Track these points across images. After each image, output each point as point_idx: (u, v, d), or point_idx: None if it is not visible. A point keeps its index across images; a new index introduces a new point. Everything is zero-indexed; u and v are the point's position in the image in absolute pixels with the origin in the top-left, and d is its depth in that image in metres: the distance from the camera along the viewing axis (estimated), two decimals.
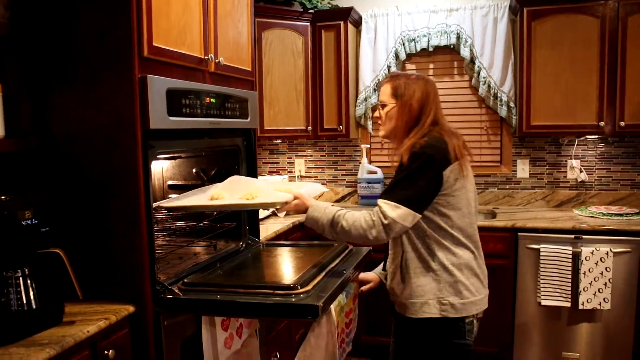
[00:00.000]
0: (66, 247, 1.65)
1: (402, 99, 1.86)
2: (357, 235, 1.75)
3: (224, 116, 2.13)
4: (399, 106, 1.86)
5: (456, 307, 1.79)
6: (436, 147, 1.76)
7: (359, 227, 1.74)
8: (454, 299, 1.79)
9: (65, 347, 1.43)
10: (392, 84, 1.90)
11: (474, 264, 1.85)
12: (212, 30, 2.10)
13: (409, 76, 1.91)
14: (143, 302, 1.73)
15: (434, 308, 1.79)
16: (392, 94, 1.89)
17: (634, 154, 3.43)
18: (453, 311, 1.79)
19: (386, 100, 1.90)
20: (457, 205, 1.80)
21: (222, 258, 2.21)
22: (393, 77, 1.93)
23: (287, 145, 4.08)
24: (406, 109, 1.85)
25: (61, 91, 1.76)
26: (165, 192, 2.60)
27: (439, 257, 1.80)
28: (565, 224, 2.96)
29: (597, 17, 3.06)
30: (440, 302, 1.79)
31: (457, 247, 1.81)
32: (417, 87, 1.87)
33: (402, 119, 1.86)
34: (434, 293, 1.79)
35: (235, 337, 2.05)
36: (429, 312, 1.79)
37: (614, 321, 2.91)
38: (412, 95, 1.85)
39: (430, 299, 1.79)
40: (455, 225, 1.80)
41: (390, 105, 1.88)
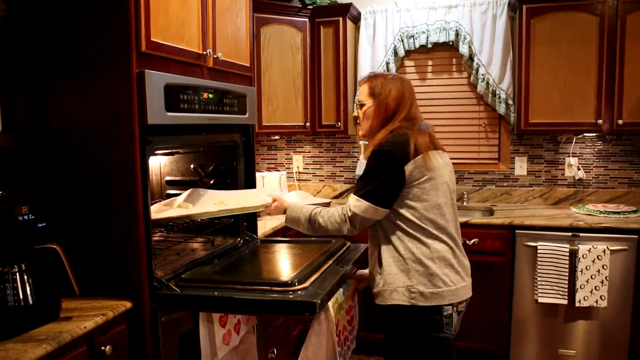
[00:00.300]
0: (63, 242, 1.64)
1: (379, 98, 1.93)
2: (333, 229, 1.90)
3: (222, 112, 2.12)
4: (376, 105, 1.93)
5: (425, 296, 1.82)
6: (396, 143, 1.82)
7: (333, 221, 1.89)
8: (423, 287, 1.82)
9: (62, 342, 1.43)
10: (370, 84, 1.96)
11: (449, 256, 1.87)
12: (210, 26, 2.09)
13: (385, 76, 1.98)
14: (140, 298, 1.73)
15: (403, 296, 1.83)
16: (369, 94, 1.96)
17: (632, 152, 3.43)
18: (422, 299, 1.82)
19: (364, 99, 1.96)
20: (422, 197, 1.84)
21: (219, 254, 2.20)
22: (371, 78, 1.99)
23: (285, 142, 4.07)
24: (382, 108, 1.92)
25: (59, 86, 1.76)
26: (163, 188, 2.59)
27: (409, 248, 1.84)
28: (563, 222, 2.97)
29: (596, 15, 3.06)
30: (410, 290, 1.83)
31: (429, 239, 1.85)
32: (393, 86, 1.93)
33: (378, 118, 1.93)
34: (403, 281, 1.83)
35: (233, 334, 2.05)
36: (397, 300, 1.84)
37: (610, 319, 2.92)
38: (389, 94, 1.92)
39: (399, 287, 1.84)
40: (423, 217, 1.84)
41: (368, 105, 1.95)
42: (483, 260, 3.06)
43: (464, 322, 3.12)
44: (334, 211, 1.90)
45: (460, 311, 1.90)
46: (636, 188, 3.44)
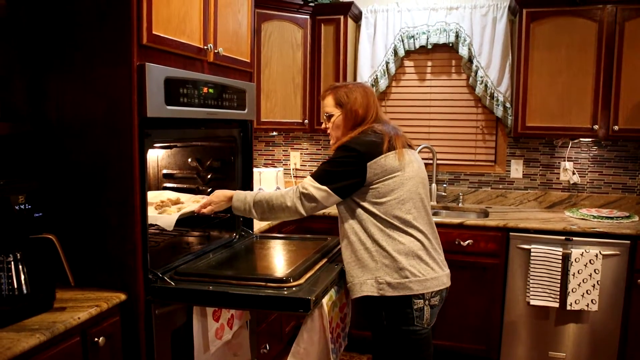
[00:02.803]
0: (59, 233, 1.64)
1: (347, 107, 2.00)
2: (278, 204, 1.92)
3: (221, 107, 2.12)
4: (344, 114, 2.01)
5: (393, 286, 1.87)
6: (364, 142, 1.90)
7: (278, 195, 1.93)
8: (390, 278, 1.87)
9: (56, 333, 1.43)
10: (334, 95, 2.03)
11: (416, 248, 1.91)
12: (212, 20, 2.09)
13: (347, 85, 2.05)
14: (135, 291, 1.73)
15: (372, 287, 1.88)
16: (335, 104, 2.03)
17: (627, 158, 3.45)
18: (390, 289, 1.87)
19: (331, 110, 2.04)
20: (387, 193, 1.89)
21: (215, 249, 2.21)
22: (334, 89, 2.06)
23: (283, 138, 4.08)
24: (351, 115, 2.00)
25: (58, 76, 1.75)
26: (159, 181, 2.60)
27: (377, 241, 1.89)
28: (557, 225, 2.99)
29: (595, 21, 3.07)
30: (377, 282, 1.88)
31: (395, 232, 1.90)
32: (357, 94, 2.01)
33: (347, 126, 2.01)
34: (371, 274, 1.89)
35: (226, 328, 2.06)
36: (367, 291, 1.89)
37: (600, 323, 2.95)
38: (355, 101, 2.00)
39: (368, 279, 1.89)
40: (389, 212, 1.89)
41: (336, 115, 2.02)
42: (476, 261, 3.08)
43: (455, 323, 3.15)
44: (283, 191, 1.95)
45: (433, 305, 1.93)
46: (630, 194, 3.46)
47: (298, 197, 1.91)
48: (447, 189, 3.74)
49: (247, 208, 1.98)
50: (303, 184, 1.91)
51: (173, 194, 2.39)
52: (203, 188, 2.51)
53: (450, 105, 3.72)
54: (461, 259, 3.08)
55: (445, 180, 3.76)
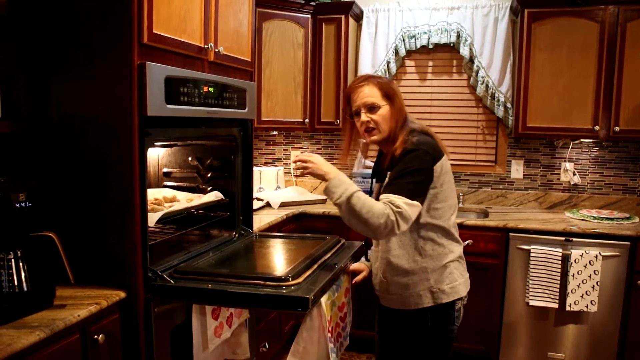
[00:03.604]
0: (59, 231, 1.65)
1: (395, 100, 1.86)
2: (373, 226, 1.66)
3: (221, 106, 2.13)
4: (392, 108, 1.86)
5: (446, 292, 1.85)
6: (428, 143, 1.80)
7: (375, 211, 1.65)
8: (443, 285, 1.85)
9: (56, 330, 1.44)
10: (379, 86, 1.86)
11: (458, 251, 1.91)
12: (212, 19, 2.09)
13: (382, 77, 1.93)
14: (134, 289, 1.74)
15: (428, 298, 1.84)
16: (383, 95, 1.86)
17: (627, 159, 3.45)
18: (445, 296, 1.85)
19: (377, 101, 1.85)
20: (445, 199, 1.83)
21: (214, 247, 2.21)
22: (374, 79, 1.89)
23: (283, 137, 4.08)
24: (398, 110, 1.86)
25: (59, 75, 1.76)
26: (160, 179, 2.60)
27: (426, 250, 1.84)
28: (557, 226, 2.99)
29: (597, 22, 3.07)
30: (431, 291, 1.84)
31: (446, 240, 1.87)
32: (396, 87, 1.90)
33: (394, 119, 1.86)
34: (425, 284, 1.84)
35: (225, 326, 2.06)
36: (425, 303, 1.85)
37: (600, 324, 2.95)
38: (396, 93, 1.87)
39: (422, 290, 1.84)
40: (443, 217, 1.84)
41: (385, 107, 1.86)
42: (476, 261, 3.07)
43: None
44: (383, 206, 1.66)
45: (464, 304, 1.94)
46: (630, 195, 3.46)
47: (395, 218, 1.65)
48: None
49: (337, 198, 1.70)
50: (394, 202, 1.66)
51: (170, 191, 2.40)
52: (203, 187, 2.52)
53: (451, 105, 3.72)
54: None
55: None
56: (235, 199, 2.45)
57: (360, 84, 1.88)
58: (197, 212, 2.36)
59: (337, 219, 3.32)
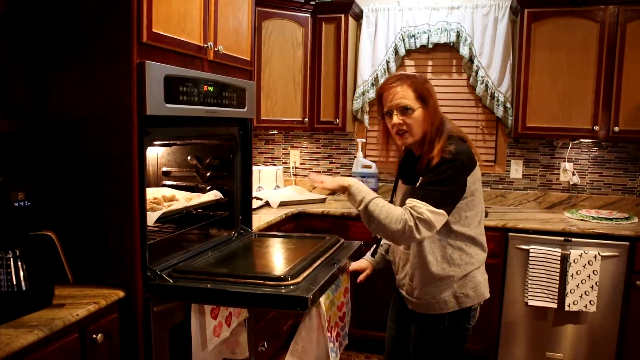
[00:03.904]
0: (58, 230, 1.65)
1: (430, 103, 1.81)
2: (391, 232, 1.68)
3: (221, 105, 2.13)
4: (427, 111, 1.80)
5: (470, 296, 1.85)
6: (466, 153, 1.77)
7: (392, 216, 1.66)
8: (467, 289, 1.85)
9: (54, 329, 1.44)
10: (414, 87, 1.80)
11: (484, 259, 1.91)
12: (212, 18, 2.09)
13: (417, 77, 1.85)
14: (133, 288, 1.74)
15: (453, 303, 1.85)
16: (417, 97, 1.80)
17: (627, 160, 3.45)
18: (469, 300, 1.85)
19: (411, 104, 1.79)
20: (474, 207, 1.82)
21: (213, 246, 2.21)
22: (409, 79, 1.82)
23: (282, 136, 4.08)
24: (433, 113, 1.81)
25: (58, 73, 1.76)
26: (159, 178, 2.60)
27: (454, 258, 1.83)
28: (556, 226, 2.99)
29: (597, 22, 3.07)
30: (455, 296, 1.84)
31: (474, 249, 1.86)
32: (430, 86, 1.84)
33: (431, 123, 1.80)
34: (450, 290, 1.84)
35: (224, 326, 2.06)
36: (450, 308, 1.85)
37: (598, 324, 2.95)
38: (431, 95, 1.82)
39: (447, 297, 1.84)
40: (472, 224, 1.83)
41: (419, 110, 1.80)
42: None
43: None
44: (402, 211, 1.68)
45: (481, 303, 1.94)
46: (630, 195, 3.46)
47: (414, 223, 1.65)
48: None
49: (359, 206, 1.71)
50: (416, 208, 1.66)
51: (169, 190, 2.40)
52: (202, 186, 2.52)
53: (450, 105, 3.72)
54: None
55: None
56: (235, 198, 2.45)
57: (394, 84, 1.82)
58: (196, 211, 2.36)
59: (336, 218, 3.33)
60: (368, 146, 3.91)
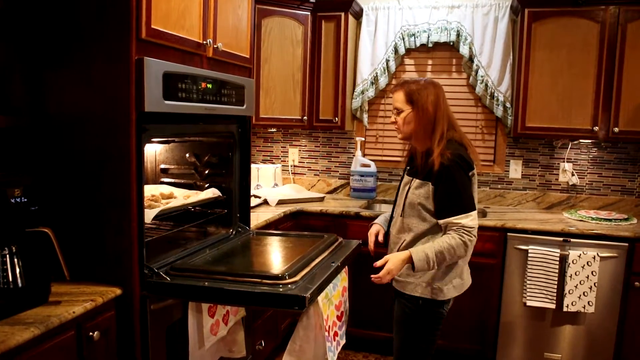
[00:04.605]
0: (55, 226, 1.64)
1: (418, 104, 2.02)
2: (461, 255, 1.95)
3: (219, 102, 2.12)
4: (416, 111, 2.02)
5: (443, 291, 2.04)
6: (462, 157, 1.98)
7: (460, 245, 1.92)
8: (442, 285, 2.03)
9: (50, 327, 1.43)
10: (405, 91, 2.04)
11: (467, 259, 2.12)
12: (211, 15, 2.08)
13: (418, 82, 2.06)
14: (130, 285, 1.73)
15: (426, 292, 2.03)
16: (406, 100, 2.04)
17: (626, 160, 3.45)
18: (442, 294, 2.04)
19: (401, 106, 2.05)
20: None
21: (211, 244, 2.21)
22: (404, 84, 2.06)
23: (281, 134, 4.07)
24: (422, 113, 2.01)
25: (57, 70, 1.75)
26: (157, 176, 2.59)
27: None
28: (555, 227, 2.98)
29: (598, 22, 3.06)
30: (431, 287, 2.02)
31: None
32: (428, 91, 2.03)
33: (420, 123, 2.02)
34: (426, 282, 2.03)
35: (221, 324, 2.05)
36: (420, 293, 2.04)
37: (597, 325, 2.95)
38: (427, 99, 2.01)
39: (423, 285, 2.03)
40: None
41: (407, 111, 2.04)
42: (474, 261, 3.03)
43: (452, 322, 3.15)
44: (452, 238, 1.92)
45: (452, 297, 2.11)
46: (629, 196, 3.46)
47: (469, 238, 1.92)
48: None
49: (431, 265, 1.92)
50: (460, 224, 1.92)
51: (167, 188, 2.39)
52: (200, 183, 2.51)
53: (450, 104, 3.67)
54: None
55: None
56: (233, 196, 2.44)
57: (395, 89, 2.09)
58: (194, 209, 2.35)
59: (334, 217, 3.32)
60: (367, 145, 3.90)
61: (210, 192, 2.38)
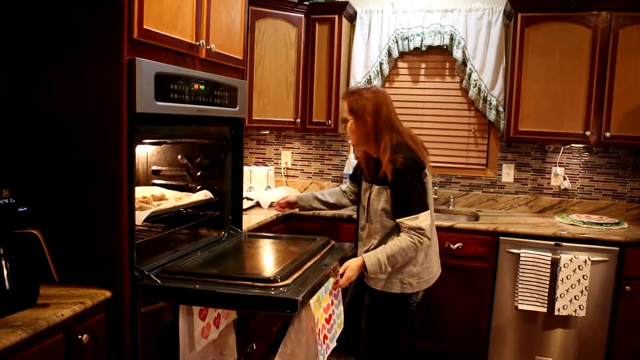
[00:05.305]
0: (44, 228, 1.62)
1: (357, 114, 2.14)
2: (412, 256, 2.10)
3: (212, 104, 2.10)
4: (356, 121, 2.15)
5: (413, 285, 2.18)
6: (413, 159, 2.08)
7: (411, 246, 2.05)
8: (411, 279, 2.17)
9: (38, 330, 1.41)
10: (348, 101, 2.17)
11: (434, 250, 2.27)
12: (204, 16, 2.07)
13: (360, 92, 2.16)
14: (120, 288, 1.71)
15: (396, 286, 2.17)
16: (349, 110, 2.17)
17: (617, 165, 3.47)
18: (411, 288, 2.19)
19: (346, 116, 2.18)
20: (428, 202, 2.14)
21: (203, 247, 2.19)
22: (349, 95, 2.18)
23: (274, 137, 4.06)
24: (361, 122, 2.13)
25: (47, 69, 1.73)
26: (149, 177, 2.57)
27: None
28: (546, 230, 2.99)
29: (590, 28, 3.08)
30: (402, 282, 2.17)
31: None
32: (367, 101, 2.12)
33: (361, 132, 2.15)
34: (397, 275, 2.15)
35: (213, 327, 2.04)
36: (390, 288, 2.18)
37: (587, 329, 2.96)
38: (364, 109, 2.12)
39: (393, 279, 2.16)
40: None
41: (350, 121, 2.17)
42: (466, 264, 3.08)
43: (443, 325, 3.15)
44: (401, 242, 2.05)
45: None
46: (620, 200, 3.48)
47: (417, 239, 2.05)
48: (438, 191, 3.74)
49: (384, 269, 2.06)
50: (409, 226, 2.04)
51: (159, 189, 2.37)
52: (192, 185, 2.49)
53: (443, 108, 3.72)
54: (451, 262, 3.07)
55: (437, 182, 3.75)
56: (225, 198, 2.43)
57: (342, 98, 2.23)
58: (186, 211, 2.34)
59: (326, 219, 3.31)
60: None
61: (202, 194, 2.36)
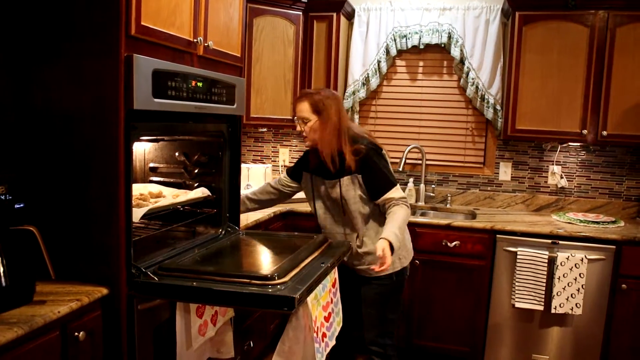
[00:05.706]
0: (41, 225, 1.61)
1: (324, 114, 2.26)
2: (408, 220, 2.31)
3: (210, 101, 2.10)
4: (322, 120, 2.26)
5: (405, 256, 2.43)
6: (373, 143, 2.32)
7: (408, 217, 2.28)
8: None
9: (34, 327, 1.40)
10: (310, 101, 2.27)
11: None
12: (202, 13, 2.06)
13: (320, 92, 2.30)
14: (117, 285, 1.71)
15: (396, 263, 2.37)
16: (312, 110, 2.27)
17: (614, 164, 3.48)
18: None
19: (308, 116, 2.28)
20: None
21: (200, 244, 2.19)
22: (308, 95, 2.30)
23: (272, 134, 4.05)
24: (329, 121, 2.25)
25: (44, 66, 1.72)
26: (146, 174, 2.56)
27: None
28: (543, 229, 3.00)
29: (587, 26, 3.08)
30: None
31: None
32: (331, 101, 2.28)
33: (327, 130, 2.26)
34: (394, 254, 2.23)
35: (210, 325, 2.04)
36: (394, 268, 2.36)
37: (584, 327, 2.97)
38: (330, 109, 2.26)
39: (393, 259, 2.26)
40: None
41: (313, 120, 2.28)
42: (463, 262, 3.08)
43: (440, 324, 3.16)
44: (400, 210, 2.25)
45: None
46: (616, 199, 3.49)
47: (407, 204, 2.29)
48: (435, 189, 3.74)
49: (400, 239, 2.20)
50: (396, 197, 2.27)
51: (156, 187, 2.37)
52: (190, 183, 2.49)
53: (440, 106, 3.72)
54: (448, 260, 3.08)
55: (434, 181, 3.76)
56: (222, 195, 2.42)
57: (299, 100, 2.33)
58: (183, 208, 2.33)
59: None
60: None
61: (199, 191, 2.36)
